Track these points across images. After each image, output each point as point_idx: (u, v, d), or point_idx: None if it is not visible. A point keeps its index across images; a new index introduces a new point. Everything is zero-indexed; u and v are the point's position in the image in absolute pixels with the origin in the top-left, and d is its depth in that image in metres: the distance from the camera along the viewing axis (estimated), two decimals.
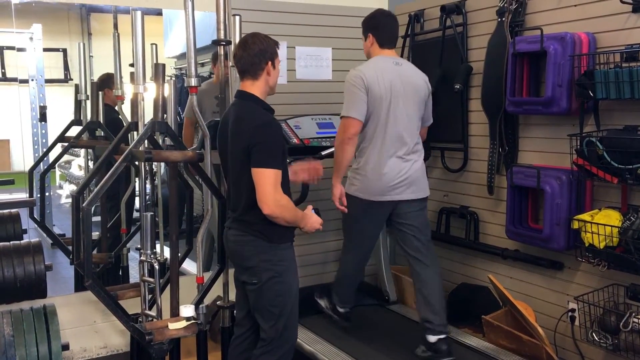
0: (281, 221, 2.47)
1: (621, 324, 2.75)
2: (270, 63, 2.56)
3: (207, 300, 2.98)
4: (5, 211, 3.60)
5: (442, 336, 3.05)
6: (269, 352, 2.60)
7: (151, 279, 2.71)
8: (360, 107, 3.02)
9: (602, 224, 2.70)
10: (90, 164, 3.93)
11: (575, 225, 2.83)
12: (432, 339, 3.05)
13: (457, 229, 3.88)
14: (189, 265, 3.59)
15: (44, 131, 3.92)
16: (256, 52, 2.52)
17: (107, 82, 3.73)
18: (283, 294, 2.56)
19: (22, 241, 3.20)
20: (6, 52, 4.03)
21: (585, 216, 2.82)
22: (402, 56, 4.01)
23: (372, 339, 3.39)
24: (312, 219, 2.61)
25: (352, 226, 3.27)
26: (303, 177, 2.89)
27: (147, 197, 3.31)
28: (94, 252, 3.44)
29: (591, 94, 2.74)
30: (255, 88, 2.57)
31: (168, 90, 3.08)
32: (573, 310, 3.09)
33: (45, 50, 3.97)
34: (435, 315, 3.06)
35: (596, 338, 2.87)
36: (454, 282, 3.88)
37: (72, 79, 4.10)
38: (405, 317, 3.75)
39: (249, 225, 2.54)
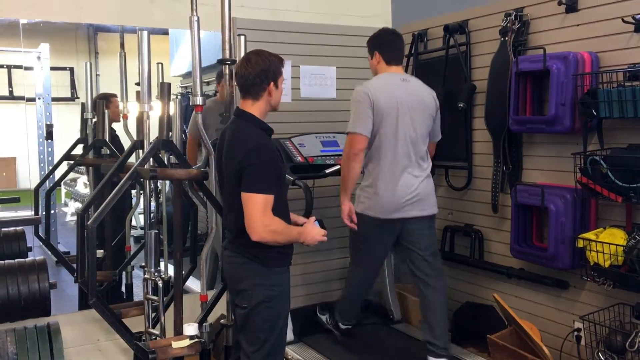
0: (274, 244, 2.39)
1: (627, 343, 2.73)
2: (272, 83, 2.45)
3: (211, 318, 2.97)
4: (11, 229, 3.62)
5: (443, 359, 3.10)
6: None
7: (155, 297, 2.71)
8: (366, 123, 3.01)
9: (607, 242, 2.69)
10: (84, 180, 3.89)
11: (580, 244, 2.82)
12: None
13: (462, 247, 3.87)
14: (193, 284, 3.58)
15: (50, 149, 3.94)
16: (258, 72, 2.41)
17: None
18: (271, 319, 2.48)
19: (26, 259, 3.21)
20: (14, 71, 4.05)
21: (590, 235, 2.82)
22: None
23: (376, 358, 3.36)
24: (312, 232, 2.50)
25: (360, 245, 3.23)
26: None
27: (152, 214, 3.32)
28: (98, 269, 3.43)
29: (594, 113, 2.75)
30: (255, 108, 2.47)
31: (173, 108, 3.10)
32: (579, 330, 3.07)
33: (52, 69, 4.00)
34: (436, 339, 3.10)
35: (602, 358, 2.84)
36: (458, 301, 3.86)
37: (78, 98, 4.12)
38: (410, 337, 3.71)
39: (244, 247, 2.46)
